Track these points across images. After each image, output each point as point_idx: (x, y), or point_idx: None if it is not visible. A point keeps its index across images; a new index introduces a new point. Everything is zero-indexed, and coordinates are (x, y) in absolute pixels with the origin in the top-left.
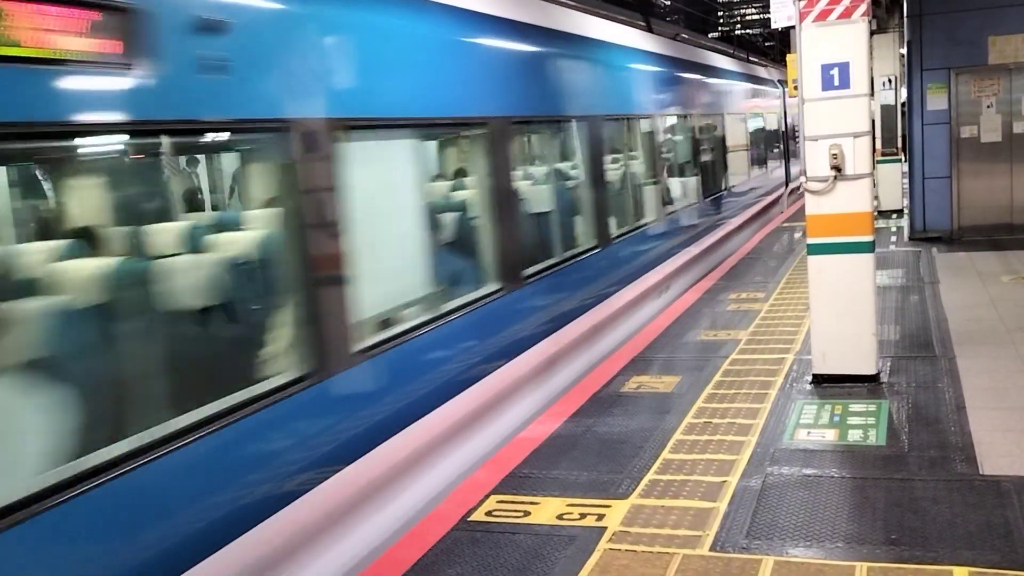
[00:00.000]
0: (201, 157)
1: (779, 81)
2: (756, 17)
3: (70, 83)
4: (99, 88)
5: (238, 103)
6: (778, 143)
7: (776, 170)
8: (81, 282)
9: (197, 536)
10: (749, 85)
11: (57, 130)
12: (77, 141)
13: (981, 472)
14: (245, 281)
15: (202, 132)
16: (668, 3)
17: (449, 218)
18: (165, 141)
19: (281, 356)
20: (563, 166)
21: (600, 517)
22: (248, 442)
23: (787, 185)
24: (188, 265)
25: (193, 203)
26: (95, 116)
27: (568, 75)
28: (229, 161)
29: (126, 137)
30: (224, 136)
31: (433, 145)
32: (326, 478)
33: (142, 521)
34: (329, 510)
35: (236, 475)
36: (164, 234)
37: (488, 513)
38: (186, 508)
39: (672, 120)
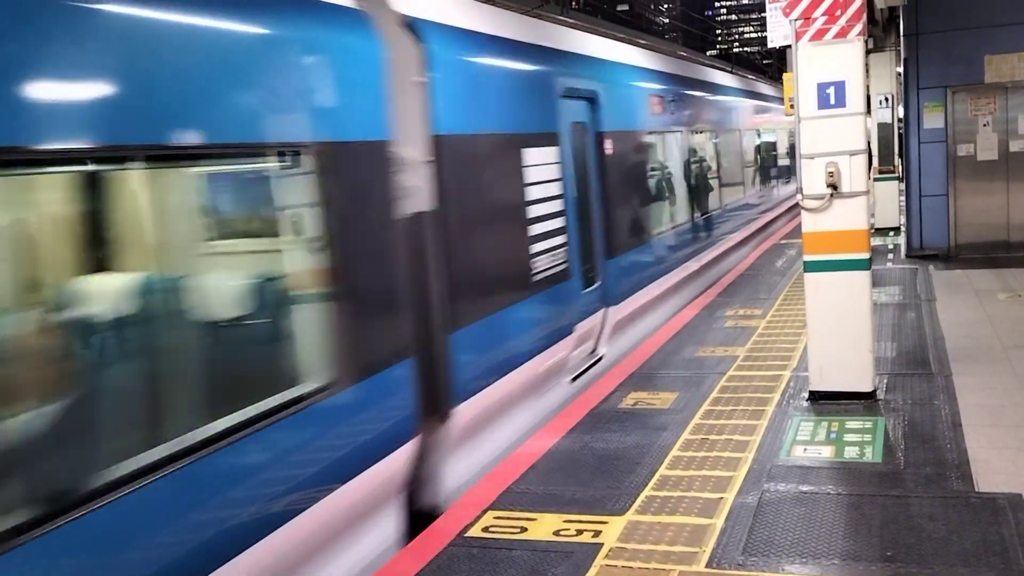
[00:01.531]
0: None
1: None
2: (754, 36)
3: None
4: None
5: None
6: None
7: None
8: None
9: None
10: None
11: None
12: None
13: (977, 489)
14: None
15: None
16: (666, 21)
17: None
18: None
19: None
20: None
21: (597, 533)
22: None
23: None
24: None
25: None
26: None
27: None
28: None
29: None
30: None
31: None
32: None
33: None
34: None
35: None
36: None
37: (485, 529)
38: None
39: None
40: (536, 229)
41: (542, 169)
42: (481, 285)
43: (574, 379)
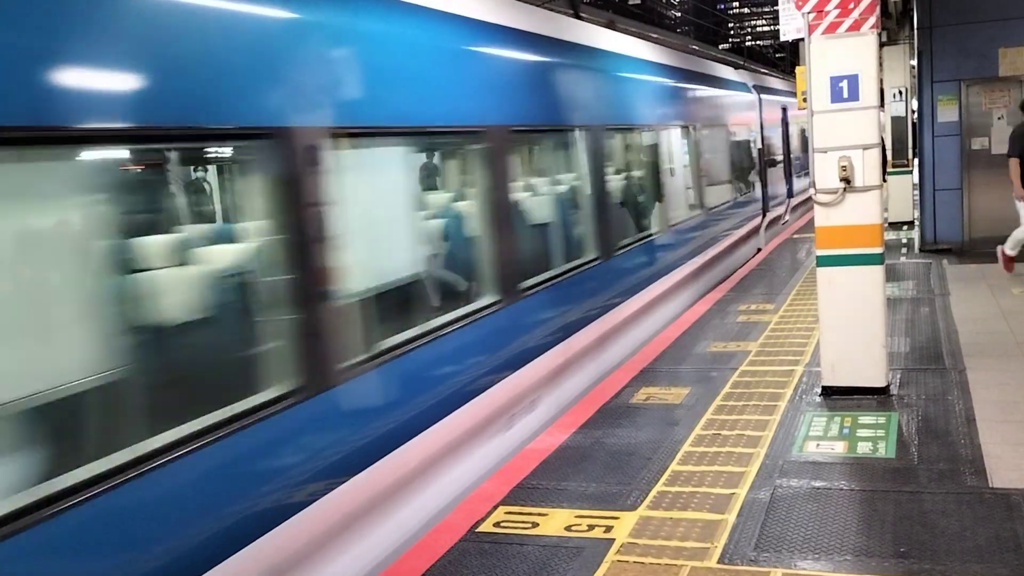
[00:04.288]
0: None
1: None
2: (766, 29)
3: None
4: None
5: None
6: None
7: None
8: None
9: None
10: None
11: None
12: None
13: (991, 485)
14: None
15: None
16: (679, 15)
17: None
18: None
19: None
20: None
21: (608, 529)
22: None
23: None
24: None
25: None
26: None
27: None
28: None
29: None
30: None
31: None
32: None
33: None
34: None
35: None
36: None
37: (496, 524)
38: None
39: None
40: None
41: None
42: None
43: None
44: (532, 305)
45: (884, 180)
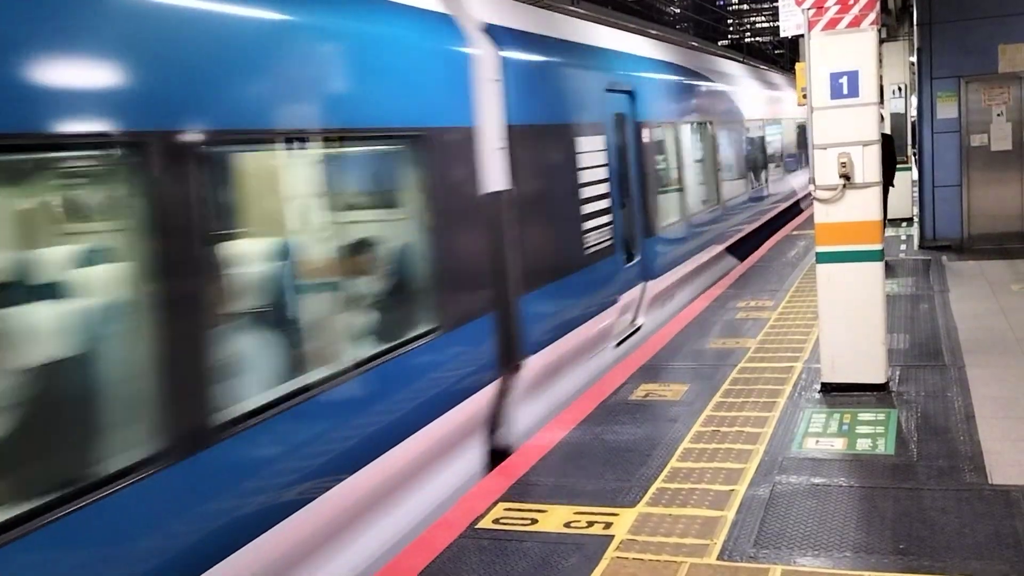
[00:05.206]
0: None
1: None
2: (766, 25)
3: None
4: None
5: None
6: None
7: None
8: None
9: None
10: None
11: None
12: None
13: (990, 482)
14: None
15: None
16: (677, 11)
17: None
18: None
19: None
20: None
21: (608, 525)
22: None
23: None
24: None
25: None
26: None
27: None
28: None
29: None
30: None
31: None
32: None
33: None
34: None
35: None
36: None
37: (495, 521)
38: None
39: None
40: None
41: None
42: None
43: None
44: None
45: (892, 184)
